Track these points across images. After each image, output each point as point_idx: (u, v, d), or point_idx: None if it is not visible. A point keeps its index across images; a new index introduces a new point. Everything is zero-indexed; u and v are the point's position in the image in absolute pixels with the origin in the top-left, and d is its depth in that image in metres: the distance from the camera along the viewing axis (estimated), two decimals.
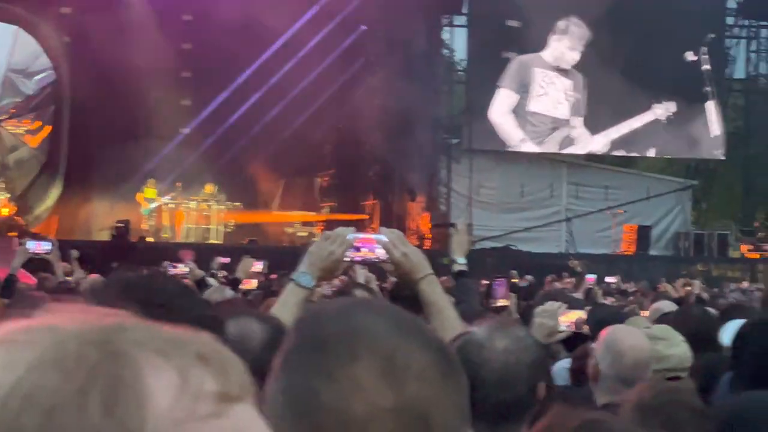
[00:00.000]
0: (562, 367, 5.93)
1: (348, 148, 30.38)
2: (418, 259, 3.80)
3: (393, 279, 7.69)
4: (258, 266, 11.52)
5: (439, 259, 25.22)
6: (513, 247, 32.37)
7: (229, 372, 0.90)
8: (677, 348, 5.04)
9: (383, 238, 3.77)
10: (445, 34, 35.85)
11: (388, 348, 1.47)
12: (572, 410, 2.54)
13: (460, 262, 6.20)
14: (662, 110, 34.67)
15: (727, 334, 5.21)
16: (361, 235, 3.84)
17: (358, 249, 3.78)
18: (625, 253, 32.71)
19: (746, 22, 37.74)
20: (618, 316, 6.94)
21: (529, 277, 21.06)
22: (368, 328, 1.52)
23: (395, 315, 1.58)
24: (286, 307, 3.65)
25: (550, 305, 6.11)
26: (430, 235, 30.24)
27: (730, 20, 37.29)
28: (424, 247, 28.77)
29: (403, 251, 3.76)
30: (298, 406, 1.46)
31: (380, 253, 3.79)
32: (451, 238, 6.47)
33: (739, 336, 3.61)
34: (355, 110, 29.14)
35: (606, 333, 4.70)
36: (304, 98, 28.92)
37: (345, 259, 3.80)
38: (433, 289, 3.76)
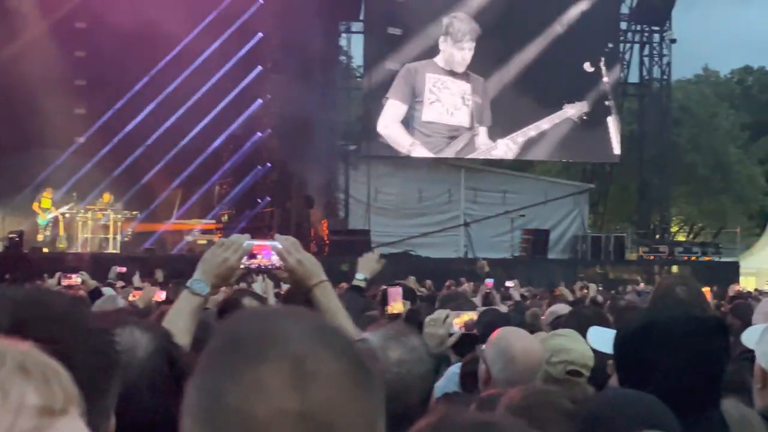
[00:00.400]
0: (453, 372, 5.84)
1: (246, 155, 30.91)
2: (313, 265, 3.83)
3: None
4: (161, 296, 11.44)
5: (338, 265, 26.03)
6: (412, 253, 33.21)
7: (52, 384, 0.90)
8: (579, 344, 5.03)
9: (278, 245, 3.81)
10: (343, 41, 36.71)
11: (299, 352, 1.49)
12: (462, 409, 2.66)
13: (359, 278, 6.27)
14: (575, 110, 35.80)
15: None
16: (257, 242, 3.85)
17: (253, 256, 3.81)
18: (524, 256, 33.58)
19: (638, 27, 39.07)
20: (507, 319, 7.12)
21: (428, 283, 21.56)
22: (283, 332, 1.54)
23: (314, 322, 1.61)
24: (180, 315, 3.69)
25: (438, 314, 6.01)
26: (328, 242, 30.91)
27: (623, 25, 38.56)
28: (324, 254, 29.60)
29: (298, 258, 3.80)
30: (205, 405, 1.50)
31: (275, 259, 3.82)
32: (361, 257, 6.48)
33: (617, 340, 3.51)
34: (253, 117, 29.76)
35: (496, 336, 4.73)
36: (202, 106, 29.37)
37: (240, 266, 3.82)
38: (327, 296, 3.82)
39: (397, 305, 7.36)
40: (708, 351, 3.17)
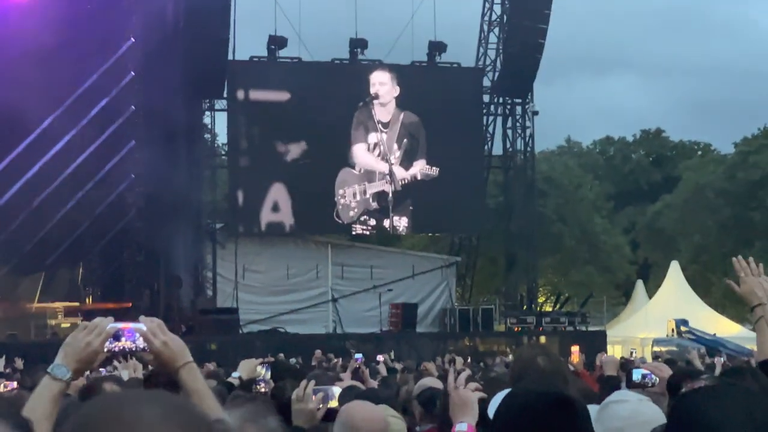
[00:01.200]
0: None
1: (111, 235, 31.43)
2: (178, 347, 3.78)
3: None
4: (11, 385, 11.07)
5: (206, 344, 26.97)
6: (281, 330, 34.24)
7: None
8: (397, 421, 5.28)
9: (142, 326, 3.77)
10: (207, 118, 37.70)
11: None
12: None
13: (234, 375, 6.60)
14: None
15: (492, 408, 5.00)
16: (120, 325, 3.80)
17: (117, 338, 3.77)
18: (393, 331, 34.80)
19: (501, 100, 40.85)
20: (373, 394, 7.24)
21: (293, 360, 22.21)
22: (136, 416, 1.59)
23: (169, 405, 1.66)
24: (40, 401, 3.65)
25: (300, 388, 5.70)
26: (196, 321, 31.58)
27: (485, 98, 40.42)
28: (192, 334, 30.46)
29: (163, 340, 3.75)
30: None
31: (140, 342, 3.77)
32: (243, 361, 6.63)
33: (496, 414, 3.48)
34: (119, 197, 30.50)
35: (340, 411, 4.89)
36: (66, 187, 29.91)
37: (104, 349, 3.77)
38: (194, 377, 3.78)
39: (263, 385, 7.40)
40: (560, 428, 3.18)
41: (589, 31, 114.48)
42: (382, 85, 37.44)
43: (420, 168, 37.52)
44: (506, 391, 3.92)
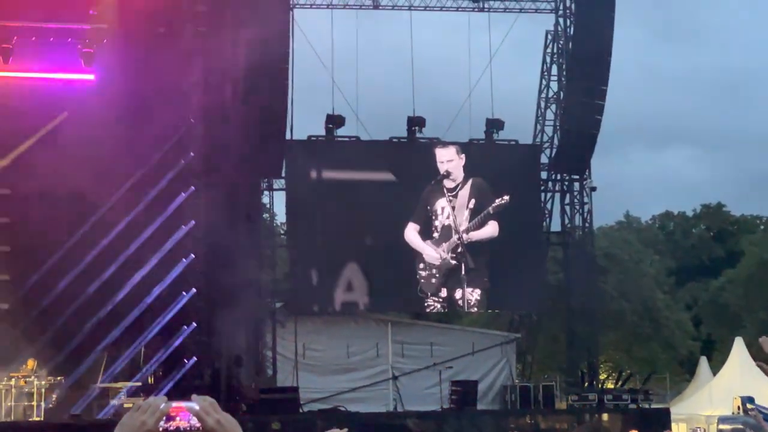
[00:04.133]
0: None
1: (172, 315, 31.76)
2: (231, 426, 3.73)
3: None
4: None
5: (268, 424, 27.08)
6: (341, 409, 34.29)
7: None
8: None
9: (195, 406, 3.71)
10: (265, 198, 38.09)
11: None
12: None
13: None
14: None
15: None
16: (174, 404, 3.67)
17: (172, 418, 4.13)
18: (453, 408, 34.36)
19: (558, 177, 40.87)
20: None
21: None
22: None
23: None
24: None
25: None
26: (258, 402, 31.74)
27: (543, 175, 40.53)
28: (254, 414, 30.61)
29: (216, 418, 3.70)
30: None
31: (194, 421, 3.73)
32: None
33: None
34: (180, 276, 30.92)
35: None
36: (129, 266, 30.46)
37: (159, 428, 3.60)
38: None
39: None
40: None
41: (644, 103, 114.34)
42: (450, 161, 37.73)
43: (491, 231, 37.68)
44: None
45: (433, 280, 37.09)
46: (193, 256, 31.33)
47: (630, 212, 66.38)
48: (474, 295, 37.53)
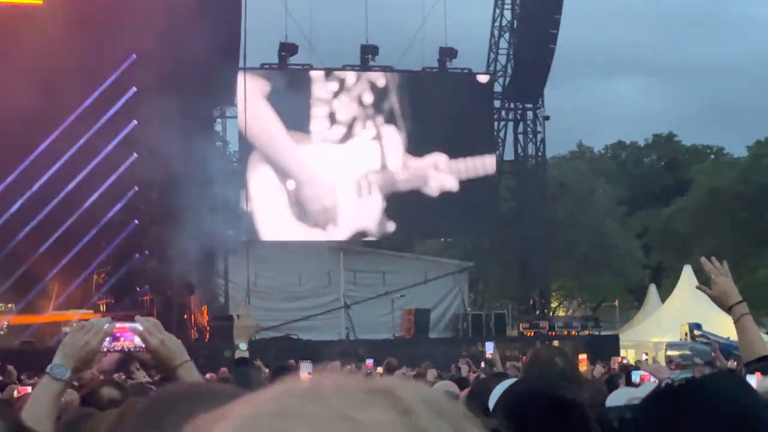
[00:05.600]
0: None
1: (123, 243, 31.61)
2: (175, 346, 3.84)
3: None
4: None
5: (220, 351, 27.11)
6: (293, 336, 34.32)
7: None
8: None
9: (138, 326, 3.82)
10: (218, 126, 37.86)
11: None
12: None
13: (242, 348, 6.41)
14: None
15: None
16: (118, 324, 3.87)
17: (116, 338, 3.84)
18: (405, 337, 34.87)
19: (512, 105, 41.04)
20: None
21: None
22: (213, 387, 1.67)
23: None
24: (40, 400, 3.68)
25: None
26: (209, 329, 31.73)
27: (497, 104, 40.59)
28: (205, 340, 30.62)
29: (160, 339, 3.81)
30: None
31: (138, 341, 3.83)
32: (233, 327, 6.65)
33: (495, 406, 3.57)
34: (129, 204, 30.70)
35: None
36: (77, 195, 30.14)
37: (102, 348, 3.83)
38: (191, 375, 3.81)
39: None
40: (554, 427, 3.22)
41: (598, 33, 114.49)
42: (390, 91, 37.68)
43: (434, 161, 37.69)
44: (508, 382, 4.02)
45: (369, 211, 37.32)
46: (144, 183, 31.07)
47: (583, 142, 66.67)
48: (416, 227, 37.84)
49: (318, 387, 0.90)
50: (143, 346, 3.84)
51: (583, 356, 19.79)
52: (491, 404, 3.92)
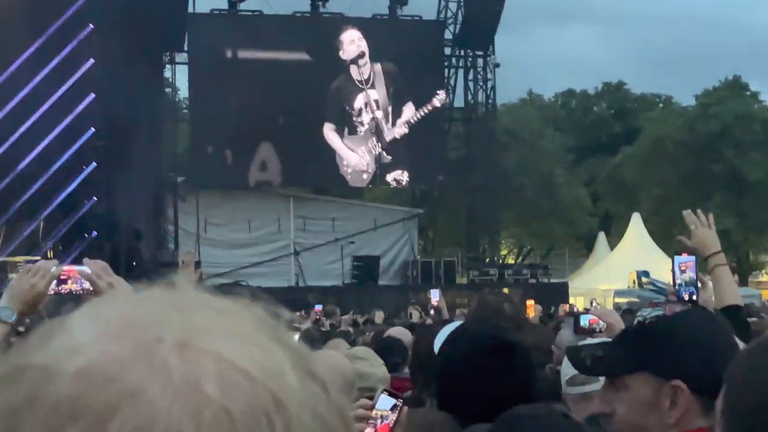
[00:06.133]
0: None
1: (72, 190, 31.33)
2: (123, 288, 3.78)
3: None
4: None
5: None
6: (243, 283, 34.30)
7: None
8: (377, 369, 5.52)
9: (86, 269, 3.79)
10: (167, 72, 37.64)
11: None
12: None
13: None
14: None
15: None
16: (65, 267, 3.86)
17: (63, 281, 3.81)
18: (355, 283, 34.99)
19: (462, 53, 41.04)
20: (323, 338, 7.96)
21: None
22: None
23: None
24: None
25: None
26: (158, 275, 31.69)
27: (447, 51, 40.55)
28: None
29: (108, 281, 3.77)
30: None
31: (86, 284, 3.80)
32: (177, 272, 6.45)
33: (440, 349, 3.66)
34: (79, 151, 30.41)
35: None
36: (25, 141, 29.84)
37: (49, 291, 3.80)
38: None
39: None
40: (499, 372, 3.25)
41: None
42: (351, 43, 37.59)
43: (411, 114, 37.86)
44: (453, 325, 4.12)
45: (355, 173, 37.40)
46: (93, 129, 30.81)
47: (533, 90, 66.83)
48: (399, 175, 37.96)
49: (174, 285, 1.02)
50: (91, 288, 3.80)
51: (530, 302, 19.96)
52: (437, 347, 3.97)
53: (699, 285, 4.17)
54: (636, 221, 43.55)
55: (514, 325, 3.94)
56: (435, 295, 15.57)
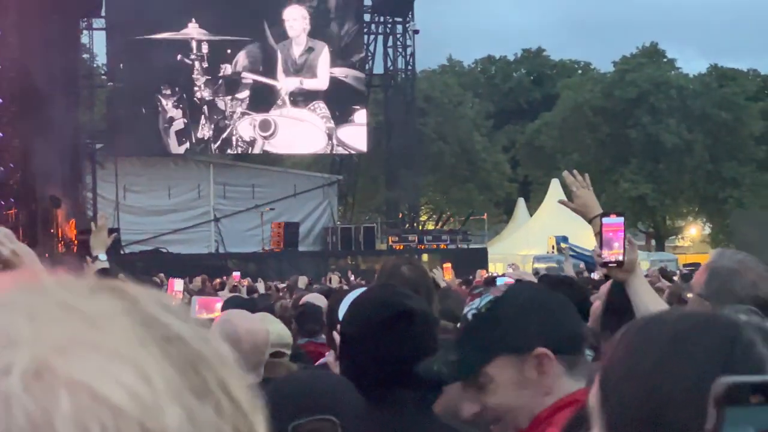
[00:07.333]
0: None
1: None
2: (27, 255, 3.78)
3: None
4: None
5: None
6: (163, 250, 34.32)
7: None
8: (275, 324, 5.52)
9: None
10: (85, 38, 37.41)
11: None
12: None
13: (101, 259, 6.20)
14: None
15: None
16: None
17: None
18: (275, 250, 35.18)
19: (381, 19, 41.10)
20: (248, 303, 7.95)
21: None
22: None
23: None
24: None
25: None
26: (77, 242, 31.52)
27: (366, 17, 40.63)
28: (73, 254, 30.36)
29: (12, 248, 3.71)
30: None
31: None
32: (90, 236, 6.39)
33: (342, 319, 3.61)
34: None
35: (220, 320, 4.94)
36: None
37: None
38: None
39: None
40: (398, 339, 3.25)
41: None
42: (295, 21, 37.70)
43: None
44: (357, 291, 4.17)
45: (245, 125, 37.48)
46: (7, 94, 30.52)
47: (453, 56, 67.00)
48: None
49: (40, 280, 0.83)
50: None
51: (447, 265, 20.11)
52: (340, 314, 3.95)
53: (627, 245, 4.22)
54: (555, 187, 44.01)
55: (412, 289, 4.01)
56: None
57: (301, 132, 37.92)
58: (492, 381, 2.65)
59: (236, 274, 19.76)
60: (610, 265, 4.11)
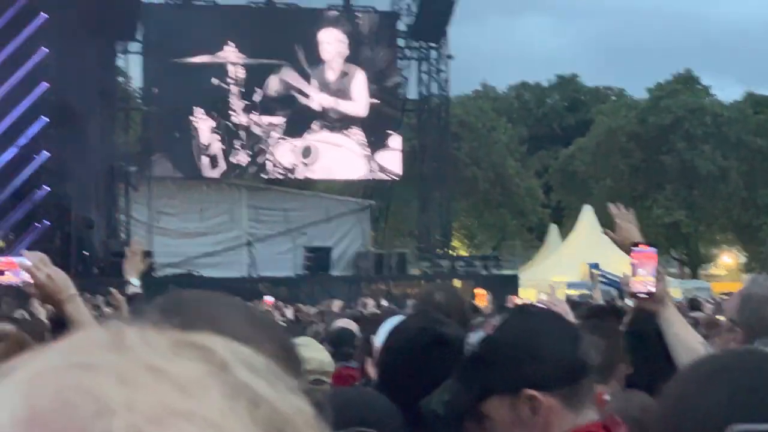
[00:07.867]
0: None
1: (24, 178, 31.31)
2: (62, 280, 3.87)
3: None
4: None
5: (122, 287, 27.17)
6: (195, 273, 34.42)
7: None
8: (318, 353, 5.61)
9: (25, 261, 3.83)
10: (120, 62, 37.66)
11: None
12: None
13: (134, 284, 6.29)
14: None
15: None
16: (3, 259, 3.99)
17: (1, 273, 3.85)
18: (306, 274, 35.05)
19: (416, 44, 41.11)
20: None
21: None
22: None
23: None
24: None
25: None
26: (109, 264, 31.61)
27: (401, 42, 40.70)
28: (104, 277, 30.51)
29: (47, 273, 3.82)
30: None
31: (25, 276, 3.86)
32: (123, 260, 6.54)
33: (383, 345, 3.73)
34: (30, 141, 30.38)
35: None
36: None
37: None
38: (78, 309, 3.86)
39: None
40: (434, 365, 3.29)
41: None
42: (329, 44, 37.88)
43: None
44: (395, 318, 4.21)
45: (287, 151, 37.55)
46: (45, 119, 30.78)
47: (487, 82, 67.16)
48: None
49: (121, 336, 0.80)
50: (30, 280, 3.85)
51: (480, 290, 20.03)
52: (377, 341, 4.11)
53: (657, 277, 4.24)
54: (588, 213, 43.95)
55: (445, 315, 4.07)
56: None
57: (340, 157, 38.03)
58: (489, 419, 2.69)
59: (269, 298, 19.83)
60: (640, 295, 4.14)
